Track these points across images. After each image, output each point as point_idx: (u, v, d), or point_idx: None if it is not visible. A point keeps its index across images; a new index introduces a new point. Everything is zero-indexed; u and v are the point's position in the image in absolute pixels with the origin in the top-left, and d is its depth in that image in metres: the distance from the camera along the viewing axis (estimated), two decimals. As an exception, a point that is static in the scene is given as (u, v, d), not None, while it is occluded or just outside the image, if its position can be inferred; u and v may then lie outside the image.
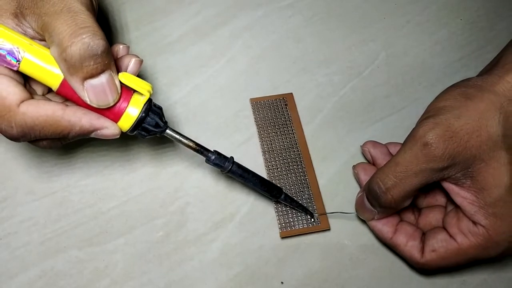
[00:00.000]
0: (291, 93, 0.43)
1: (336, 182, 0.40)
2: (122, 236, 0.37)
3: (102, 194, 0.38)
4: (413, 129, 0.34)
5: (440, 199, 0.37)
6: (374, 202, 0.35)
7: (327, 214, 0.38)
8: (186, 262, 0.36)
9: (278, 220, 0.38)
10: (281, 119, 0.42)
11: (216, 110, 0.42)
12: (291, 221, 0.38)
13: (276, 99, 0.43)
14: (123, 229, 0.37)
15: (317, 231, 0.38)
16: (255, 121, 0.42)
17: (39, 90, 0.32)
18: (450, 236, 0.33)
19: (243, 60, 0.45)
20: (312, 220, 0.38)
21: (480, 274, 0.37)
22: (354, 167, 0.39)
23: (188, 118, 0.42)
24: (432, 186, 0.36)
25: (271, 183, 0.36)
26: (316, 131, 0.42)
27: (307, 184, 0.39)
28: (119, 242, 0.36)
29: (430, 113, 0.33)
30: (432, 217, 0.36)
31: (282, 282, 0.36)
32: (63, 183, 0.38)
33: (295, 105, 0.43)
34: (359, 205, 0.37)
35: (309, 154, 0.41)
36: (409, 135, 0.34)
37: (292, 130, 0.42)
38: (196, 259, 0.36)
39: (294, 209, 0.38)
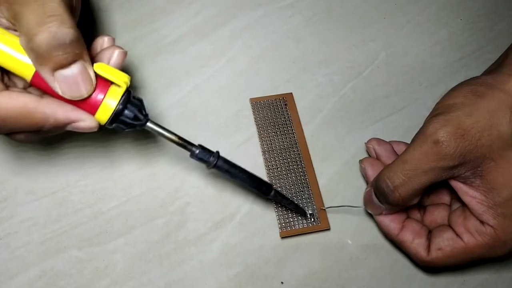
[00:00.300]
0: (291, 93, 0.43)
1: (336, 182, 0.40)
2: (122, 236, 0.37)
3: (102, 194, 0.38)
4: (422, 126, 0.33)
5: (445, 197, 0.37)
6: (382, 199, 0.35)
7: (330, 211, 0.38)
8: (186, 262, 0.36)
9: (278, 220, 0.38)
10: (281, 119, 0.42)
11: (216, 110, 0.42)
12: (291, 221, 0.38)
13: (276, 99, 0.43)
14: (123, 229, 0.37)
15: (317, 231, 0.38)
16: (255, 121, 0.42)
17: (20, 83, 0.31)
18: (457, 235, 0.33)
19: (243, 60, 0.45)
20: (312, 218, 0.38)
21: (481, 274, 0.37)
22: (361, 161, 0.39)
23: (188, 118, 0.42)
24: (437, 184, 0.36)
25: (260, 179, 0.35)
26: (316, 131, 0.42)
27: (307, 184, 0.39)
28: (119, 242, 0.36)
29: (439, 110, 0.33)
30: (437, 215, 0.36)
31: (282, 282, 0.36)
32: (63, 183, 0.38)
33: (295, 105, 0.43)
34: (367, 200, 0.37)
35: (309, 154, 0.41)
36: (418, 133, 0.33)
37: (292, 130, 0.42)
38: (196, 259, 0.36)
39: (286, 207, 0.37)
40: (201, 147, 0.32)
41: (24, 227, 0.36)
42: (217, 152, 0.33)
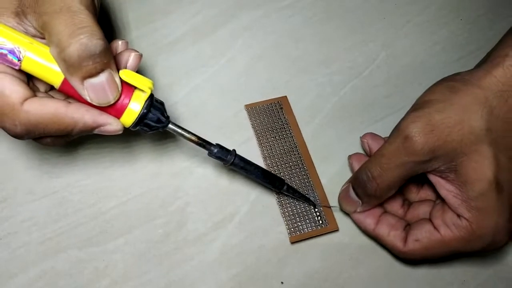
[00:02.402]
0: (285, 96, 0.43)
1: (336, 182, 0.40)
2: (122, 236, 0.37)
3: (102, 194, 0.38)
4: (399, 121, 0.34)
5: (432, 194, 0.37)
6: (360, 191, 0.35)
7: (332, 211, 0.38)
8: (186, 262, 0.36)
9: (286, 225, 0.37)
10: (278, 123, 0.42)
11: (216, 110, 0.42)
12: (299, 225, 0.37)
13: (271, 103, 0.43)
14: (123, 229, 0.37)
15: (326, 233, 0.38)
16: (252, 127, 0.42)
17: (42, 87, 0.32)
18: (434, 227, 0.34)
19: (243, 60, 0.45)
20: (319, 217, 0.38)
21: (481, 274, 0.37)
22: (349, 157, 0.40)
23: (188, 118, 0.42)
24: (425, 181, 0.36)
25: (273, 175, 0.37)
26: (316, 131, 0.42)
27: (312, 186, 0.39)
28: (119, 242, 0.36)
29: (415, 107, 0.34)
30: (420, 210, 0.37)
31: (282, 282, 0.36)
32: (63, 183, 0.38)
33: (291, 107, 0.43)
34: (343, 196, 0.37)
35: (310, 156, 0.41)
36: (394, 128, 0.34)
37: (291, 133, 0.41)
38: (196, 259, 0.36)
39: (297, 199, 0.38)
40: (219, 146, 0.34)
41: (24, 227, 0.36)
42: (234, 151, 0.35)
